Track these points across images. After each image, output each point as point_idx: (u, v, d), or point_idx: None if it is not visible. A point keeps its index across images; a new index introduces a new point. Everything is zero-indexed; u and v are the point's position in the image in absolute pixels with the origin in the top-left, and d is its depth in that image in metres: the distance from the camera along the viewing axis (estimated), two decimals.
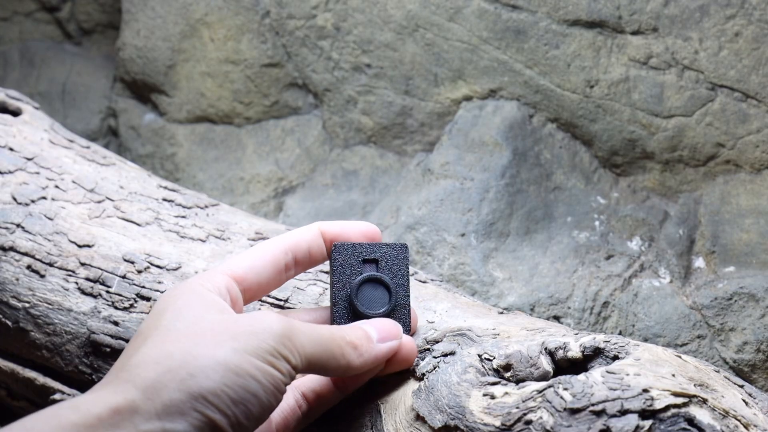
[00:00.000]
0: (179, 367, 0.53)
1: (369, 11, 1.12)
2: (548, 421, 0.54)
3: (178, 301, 0.58)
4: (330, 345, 0.59)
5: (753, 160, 1.01)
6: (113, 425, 0.50)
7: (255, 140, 1.20)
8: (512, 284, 0.97)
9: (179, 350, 0.54)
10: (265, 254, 0.63)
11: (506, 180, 1.03)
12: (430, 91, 1.12)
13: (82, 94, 1.32)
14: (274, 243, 0.64)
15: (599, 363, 0.60)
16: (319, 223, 0.66)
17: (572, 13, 1.04)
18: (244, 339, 0.55)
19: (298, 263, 0.65)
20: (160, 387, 0.52)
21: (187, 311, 0.57)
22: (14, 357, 0.81)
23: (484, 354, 0.62)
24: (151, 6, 1.20)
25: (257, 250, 0.63)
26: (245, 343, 0.54)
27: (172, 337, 0.55)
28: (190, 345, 0.54)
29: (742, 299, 0.94)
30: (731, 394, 0.58)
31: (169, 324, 0.56)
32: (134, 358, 0.54)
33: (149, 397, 0.51)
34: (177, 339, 0.55)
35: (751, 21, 0.99)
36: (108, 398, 0.51)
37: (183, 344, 0.54)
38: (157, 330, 0.56)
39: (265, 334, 0.55)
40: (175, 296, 0.58)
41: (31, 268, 0.79)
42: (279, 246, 0.64)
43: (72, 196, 0.84)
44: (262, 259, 0.63)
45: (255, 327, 0.56)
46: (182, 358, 0.53)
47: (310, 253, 0.65)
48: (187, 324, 0.56)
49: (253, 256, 0.63)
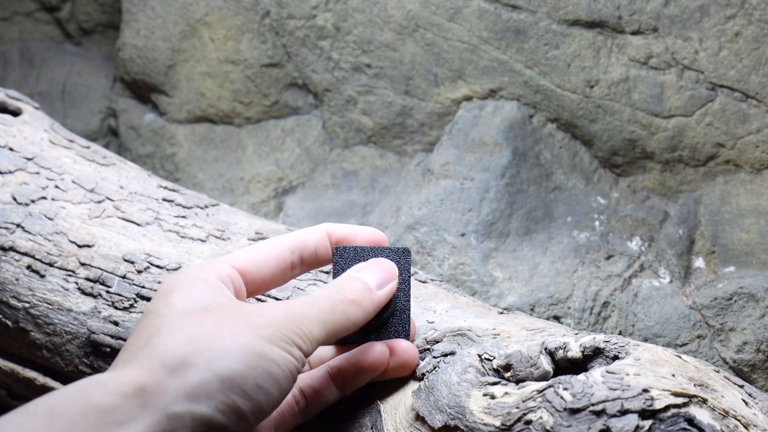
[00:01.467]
0: (206, 348, 0.52)
1: (369, 11, 1.12)
2: (548, 421, 0.54)
3: (184, 283, 0.57)
4: (333, 316, 0.58)
5: (753, 160, 1.01)
6: (142, 405, 0.49)
7: (255, 140, 1.20)
8: (512, 284, 0.97)
9: (202, 332, 0.53)
10: (271, 250, 0.63)
11: (506, 180, 1.03)
12: (430, 91, 1.12)
13: (82, 94, 1.32)
14: (282, 241, 0.63)
15: (599, 363, 0.60)
16: (327, 225, 0.66)
17: (572, 13, 1.04)
18: (260, 326, 0.54)
19: (304, 263, 0.64)
20: (188, 366, 0.51)
21: (196, 294, 0.56)
22: (14, 357, 0.81)
23: (484, 354, 0.62)
24: (151, 6, 1.20)
25: (263, 246, 0.63)
26: (262, 330, 0.54)
27: (190, 319, 0.54)
28: (211, 327, 0.53)
29: (742, 299, 0.94)
30: (731, 394, 0.58)
31: (181, 305, 0.55)
32: (157, 337, 0.53)
33: (177, 377, 0.50)
34: (196, 321, 0.54)
35: (751, 21, 0.99)
36: (134, 375, 0.50)
37: (204, 326, 0.53)
38: (168, 309, 0.55)
39: (277, 321, 0.55)
40: (180, 280, 0.57)
41: (31, 268, 0.79)
42: (286, 244, 0.63)
43: (72, 196, 0.84)
44: (267, 254, 0.62)
45: (267, 316, 0.55)
46: (207, 339, 0.52)
47: (316, 254, 0.65)
48: (198, 306, 0.55)
49: (258, 251, 0.62)
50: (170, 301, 0.55)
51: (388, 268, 0.64)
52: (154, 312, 0.55)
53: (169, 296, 0.56)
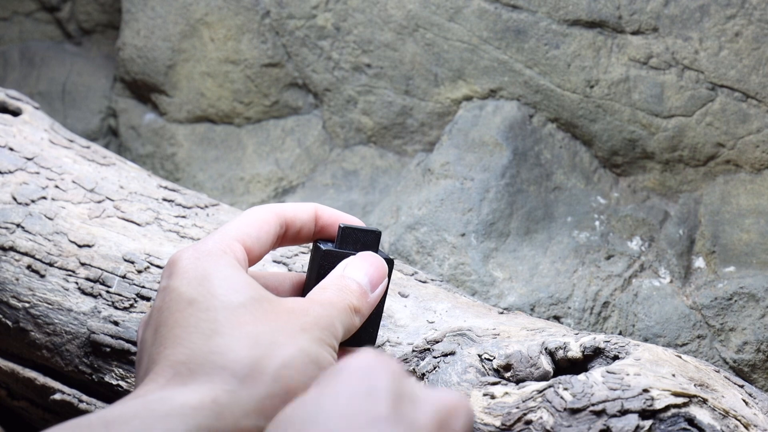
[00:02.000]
0: (272, 355, 0.48)
1: (369, 11, 1.12)
2: (548, 421, 0.54)
3: (219, 268, 0.53)
4: (347, 320, 0.56)
5: (753, 160, 1.01)
6: (216, 417, 0.46)
7: (255, 140, 1.20)
8: (512, 284, 0.97)
9: (264, 333, 0.49)
10: (268, 227, 0.59)
11: (506, 180, 1.03)
12: (430, 91, 1.12)
13: (82, 94, 1.32)
14: (275, 214, 0.60)
15: (599, 363, 0.60)
16: (316, 205, 0.63)
17: (572, 13, 1.04)
18: (309, 327, 0.51)
19: (285, 239, 0.62)
20: (257, 375, 0.47)
21: (236, 283, 0.52)
22: (14, 357, 0.81)
23: (484, 354, 0.62)
24: (151, 6, 1.20)
25: (261, 222, 0.59)
26: (313, 332, 0.51)
27: (245, 315, 0.50)
28: (269, 328, 0.50)
29: (743, 299, 0.94)
30: (731, 394, 0.58)
31: (226, 297, 0.51)
32: (219, 338, 0.49)
33: (247, 387, 0.47)
34: (253, 319, 0.50)
35: (752, 21, 0.99)
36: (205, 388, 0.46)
37: (262, 326, 0.50)
38: (214, 300, 0.50)
39: (321, 322, 0.52)
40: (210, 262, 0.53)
41: (31, 268, 0.79)
42: (279, 218, 0.60)
43: (72, 196, 0.84)
44: (267, 232, 0.59)
45: (310, 315, 0.52)
46: (269, 343, 0.49)
47: (299, 233, 0.62)
48: (244, 300, 0.51)
49: (258, 227, 0.58)
50: (212, 290, 0.51)
51: (380, 267, 0.60)
52: (196, 303, 0.51)
53: (208, 283, 0.52)
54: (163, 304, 0.53)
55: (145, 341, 0.53)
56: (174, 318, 0.51)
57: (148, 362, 0.51)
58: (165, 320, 0.51)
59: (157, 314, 0.53)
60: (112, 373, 0.75)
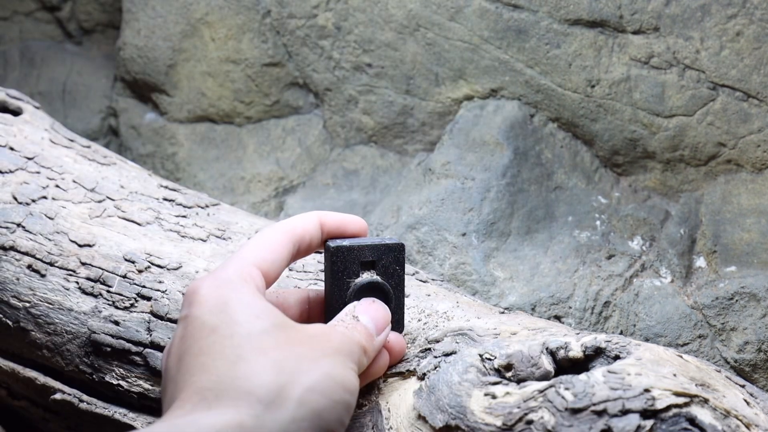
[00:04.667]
0: (296, 381, 0.49)
1: (370, 11, 1.12)
2: (549, 420, 0.54)
3: (239, 295, 0.54)
4: (361, 354, 0.57)
5: (754, 160, 1.01)
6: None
7: (256, 140, 1.20)
8: (513, 284, 0.97)
9: (288, 359, 0.50)
10: (282, 249, 0.60)
11: (507, 179, 1.03)
12: (431, 91, 1.12)
13: (82, 94, 1.32)
14: (287, 235, 0.61)
15: (600, 363, 0.60)
16: (319, 214, 0.64)
17: (573, 12, 1.04)
18: (331, 352, 0.52)
19: (297, 255, 0.63)
20: (282, 401, 0.48)
21: (257, 309, 0.53)
22: (15, 357, 0.81)
23: (485, 354, 0.62)
24: (152, 5, 1.20)
25: (276, 245, 0.60)
26: (335, 357, 0.52)
27: (269, 341, 0.51)
28: (293, 354, 0.51)
29: (744, 299, 0.94)
30: (733, 394, 0.58)
31: (249, 324, 0.52)
32: (244, 365, 0.49)
33: (272, 412, 0.48)
34: (276, 345, 0.51)
35: (753, 20, 0.99)
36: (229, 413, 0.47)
37: (285, 352, 0.51)
38: (236, 327, 0.51)
39: (345, 347, 0.53)
40: (230, 290, 0.54)
41: (32, 267, 0.79)
42: (291, 239, 0.61)
43: (72, 196, 0.84)
44: (281, 255, 0.60)
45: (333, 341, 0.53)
46: (293, 369, 0.50)
47: (308, 246, 0.63)
48: (267, 326, 0.52)
49: (273, 250, 0.60)
50: (233, 317, 0.52)
51: (384, 315, 0.62)
52: (219, 330, 0.51)
53: (230, 310, 0.52)
54: (185, 333, 0.53)
55: (169, 370, 0.54)
56: (198, 346, 0.51)
57: (174, 390, 0.52)
58: (188, 348, 0.52)
59: (179, 343, 0.53)
60: (113, 372, 0.75)
